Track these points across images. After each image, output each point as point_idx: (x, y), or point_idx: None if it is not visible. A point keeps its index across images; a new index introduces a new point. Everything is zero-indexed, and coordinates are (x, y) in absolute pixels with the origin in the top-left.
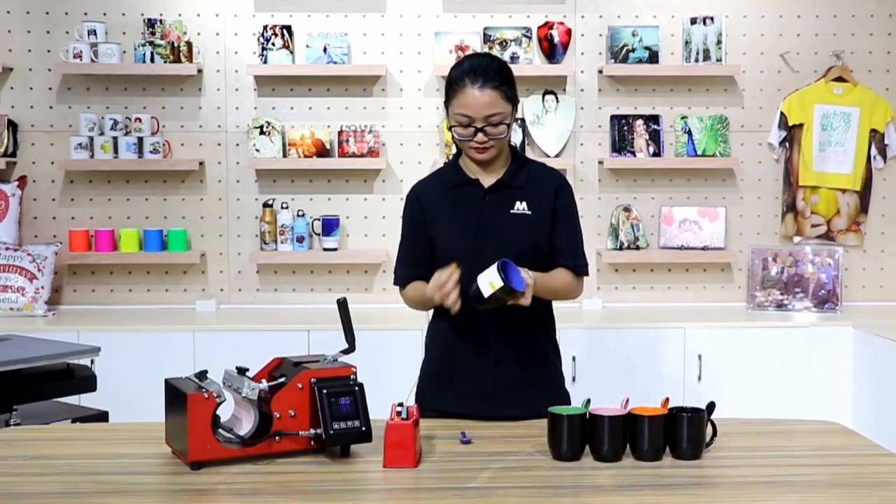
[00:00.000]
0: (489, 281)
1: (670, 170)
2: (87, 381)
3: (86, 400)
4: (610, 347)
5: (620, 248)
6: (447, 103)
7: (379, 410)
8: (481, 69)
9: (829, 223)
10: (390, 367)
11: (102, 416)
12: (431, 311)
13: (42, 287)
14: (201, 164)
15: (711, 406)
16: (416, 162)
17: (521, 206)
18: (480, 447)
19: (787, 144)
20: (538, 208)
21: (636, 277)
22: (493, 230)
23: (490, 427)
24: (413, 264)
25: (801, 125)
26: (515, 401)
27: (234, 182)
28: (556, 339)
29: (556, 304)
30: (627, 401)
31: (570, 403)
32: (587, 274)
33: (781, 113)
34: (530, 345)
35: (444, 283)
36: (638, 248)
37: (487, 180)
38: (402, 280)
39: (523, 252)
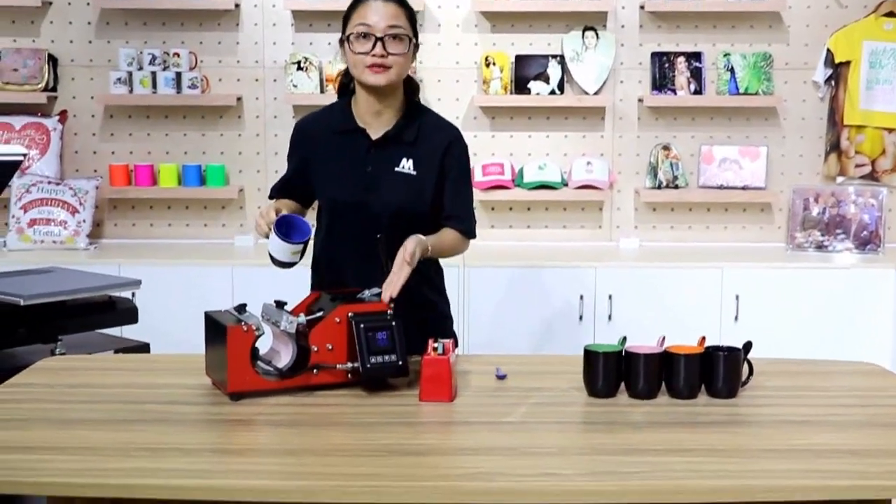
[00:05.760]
0: (276, 248)
1: (711, 108)
2: (128, 314)
3: (127, 332)
4: (647, 286)
5: (659, 187)
6: (345, 24)
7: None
8: None
9: (874, 163)
10: None
11: (144, 348)
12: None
13: (84, 221)
14: (239, 99)
15: (748, 346)
16: (454, 98)
17: (406, 165)
18: (516, 382)
19: (833, 82)
20: (423, 168)
21: (674, 217)
22: (375, 187)
23: (525, 363)
24: (282, 188)
25: (847, 63)
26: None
27: (271, 118)
28: (442, 287)
29: (595, 247)
30: (663, 339)
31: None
32: (475, 236)
33: (828, 50)
34: (413, 294)
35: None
36: (677, 186)
37: (375, 132)
38: (272, 194)
39: (404, 211)
